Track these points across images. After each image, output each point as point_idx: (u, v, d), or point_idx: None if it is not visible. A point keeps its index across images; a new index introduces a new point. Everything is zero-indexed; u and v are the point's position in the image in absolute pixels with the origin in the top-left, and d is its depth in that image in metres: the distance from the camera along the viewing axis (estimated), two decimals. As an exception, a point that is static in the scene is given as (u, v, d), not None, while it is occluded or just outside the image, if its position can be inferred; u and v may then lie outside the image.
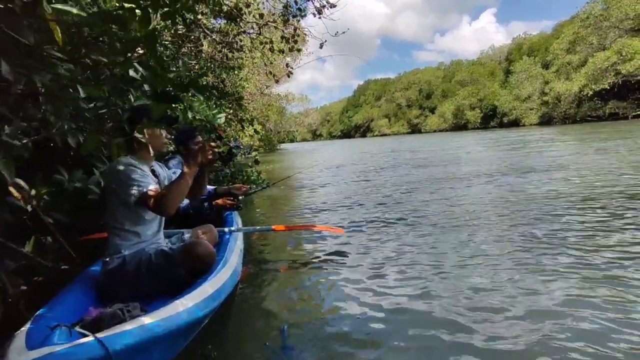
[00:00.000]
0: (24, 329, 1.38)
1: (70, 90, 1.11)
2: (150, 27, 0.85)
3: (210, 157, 2.01)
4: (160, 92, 0.91)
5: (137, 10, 0.77)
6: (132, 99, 1.92)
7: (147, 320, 1.41)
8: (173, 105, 2.42)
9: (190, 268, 1.98)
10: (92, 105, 1.77)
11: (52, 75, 0.96)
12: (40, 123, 1.99)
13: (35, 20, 0.79)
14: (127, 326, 1.36)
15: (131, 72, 0.86)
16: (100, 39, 0.96)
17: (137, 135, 1.10)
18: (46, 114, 1.56)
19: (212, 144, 2.07)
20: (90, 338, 1.26)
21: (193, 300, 1.64)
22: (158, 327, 1.41)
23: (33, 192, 1.79)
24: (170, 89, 0.98)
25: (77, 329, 1.44)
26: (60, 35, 0.80)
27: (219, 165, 2.11)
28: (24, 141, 1.48)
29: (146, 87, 0.95)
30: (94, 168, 2.81)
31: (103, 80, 0.96)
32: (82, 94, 1.06)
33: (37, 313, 1.52)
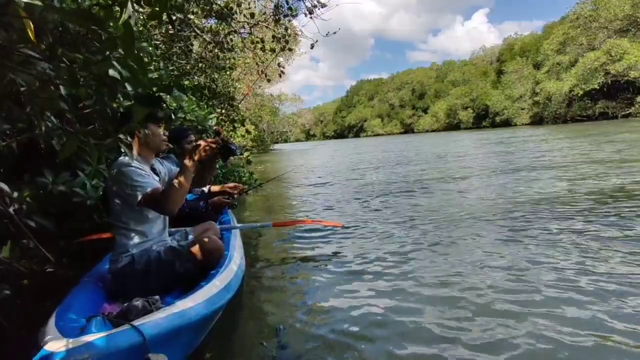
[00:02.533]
0: (50, 324, 1.42)
1: (52, 88, 1.08)
2: (132, 23, 0.82)
3: (206, 151, 2.01)
4: (143, 95, 0.88)
5: (116, 8, 0.74)
6: (122, 99, 1.88)
7: (176, 308, 1.49)
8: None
9: (199, 263, 2.02)
10: (75, 106, 1.72)
11: (28, 75, 0.93)
12: (24, 124, 1.95)
13: (6, 17, 0.76)
14: (159, 315, 1.43)
15: (111, 72, 0.82)
16: (82, 38, 0.94)
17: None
18: (30, 115, 1.52)
19: (210, 139, 2.08)
20: (127, 326, 1.32)
21: (211, 291, 1.72)
22: (188, 315, 1.49)
23: (15, 194, 1.75)
24: (153, 90, 0.95)
25: (111, 318, 1.49)
26: (33, 32, 0.76)
27: (219, 159, 2.13)
28: (5, 142, 1.44)
29: (129, 87, 0.92)
30: (78, 171, 2.76)
31: (82, 80, 0.92)
32: (63, 93, 1.03)
33: (54, 312, 1.55)
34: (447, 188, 6.47)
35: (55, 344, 1.23)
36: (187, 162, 1.93)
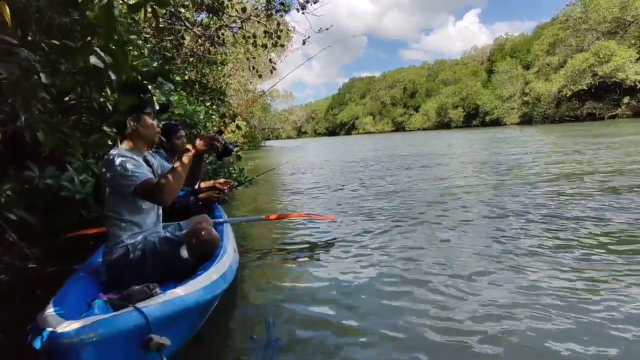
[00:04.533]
0: (48, 310, 1.40)
1: (35, 77, 1.05)
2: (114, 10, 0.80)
3: (204, 147, 2.06)
4: (126, 83, 0.85)
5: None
6: (109, 92, 1.84)
7: (176, 294, 1.51)
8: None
9: (195, 253, 2.03)
10: (60, 98, 1.68)
11: (10, 64, 0.90)
12: (7, 116, 1.90)
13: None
14: (160, 299, 1.45)
15: (93, 60, 0.80)
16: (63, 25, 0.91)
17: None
18: (13, 106, 1.48)
19: (210, 136, 2.13)
20: (130, 308, 1.33)
21: (209, 280, 1.75)
22: (187, 301, 1.52)
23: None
24: (138, 78, 0.93)
25: (113, 301, 1.49)
26: (9, 15, 0.73)
27: (214, 158, 2.20)
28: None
29: (112, 75, 0.89)
30: (67, 165, 2.71)
31: (63, 68, 0.89)
32: (45, 81, 0.99)
33: (50, 301, 1.53)
34: (438, 184, 6.51)
35: (60, 325, 1.23)
36: (186, 152, 1.96)
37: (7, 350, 1.73)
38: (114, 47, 0.75)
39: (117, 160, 1.87)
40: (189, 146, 2.01)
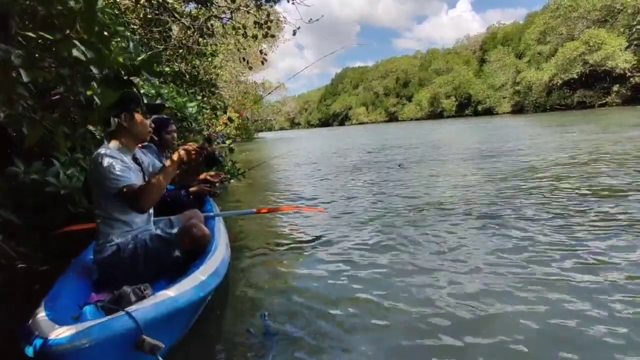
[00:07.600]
0: (40, 314, 1.40)
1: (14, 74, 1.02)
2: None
3: (189, 156, 1.96)
4: (109, 77, 0.83)
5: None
6: (96, 85, 1.80)
7: (167, 295, 1.52)
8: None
9: (187, 250, 2.03)
10: (46, 92, 1.64)
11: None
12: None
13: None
14: (151, 301, 1.46)
15: (75, 53, 0.77)
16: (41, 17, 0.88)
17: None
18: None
19: (198, 146, 2.02)
20: (121, 313, 1.34)
21: (201, 278, 1.76)
22: (179, 301, 1.53)
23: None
24: (122, 72, 0.90)
25: (104, 305, 1.50)
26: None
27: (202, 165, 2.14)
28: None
29: (95, 70, 0.86)
30: (54, 160, 2.67)
31: (45, 63, 0.86)
32: (25, 78, 0.96)
33: (41, 302, 1.53)
34: (430, 174, 6.54)
35: (53, 332, 1.23)
36: (168, 162, 1.90)
37: (6, 351, 1.71)
38: (94, 41, 0.72)
39: (105, 161, 1.84)
40: (166, 162, 1.92)
